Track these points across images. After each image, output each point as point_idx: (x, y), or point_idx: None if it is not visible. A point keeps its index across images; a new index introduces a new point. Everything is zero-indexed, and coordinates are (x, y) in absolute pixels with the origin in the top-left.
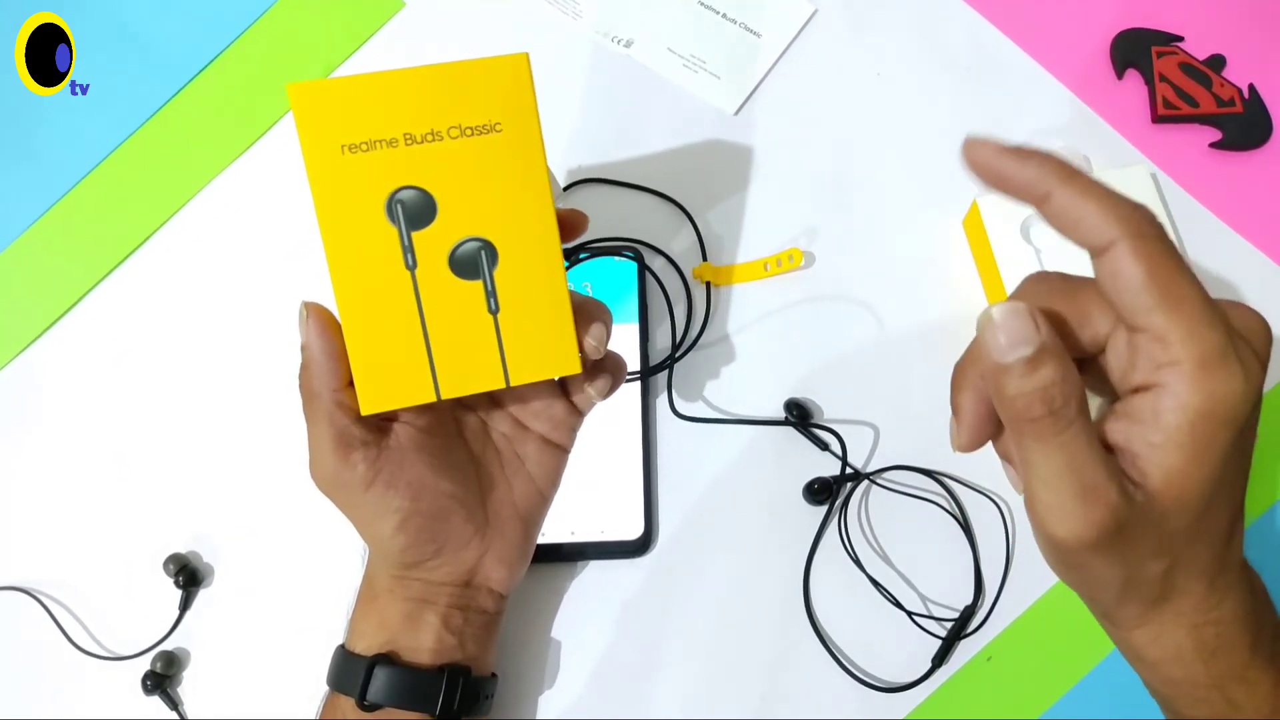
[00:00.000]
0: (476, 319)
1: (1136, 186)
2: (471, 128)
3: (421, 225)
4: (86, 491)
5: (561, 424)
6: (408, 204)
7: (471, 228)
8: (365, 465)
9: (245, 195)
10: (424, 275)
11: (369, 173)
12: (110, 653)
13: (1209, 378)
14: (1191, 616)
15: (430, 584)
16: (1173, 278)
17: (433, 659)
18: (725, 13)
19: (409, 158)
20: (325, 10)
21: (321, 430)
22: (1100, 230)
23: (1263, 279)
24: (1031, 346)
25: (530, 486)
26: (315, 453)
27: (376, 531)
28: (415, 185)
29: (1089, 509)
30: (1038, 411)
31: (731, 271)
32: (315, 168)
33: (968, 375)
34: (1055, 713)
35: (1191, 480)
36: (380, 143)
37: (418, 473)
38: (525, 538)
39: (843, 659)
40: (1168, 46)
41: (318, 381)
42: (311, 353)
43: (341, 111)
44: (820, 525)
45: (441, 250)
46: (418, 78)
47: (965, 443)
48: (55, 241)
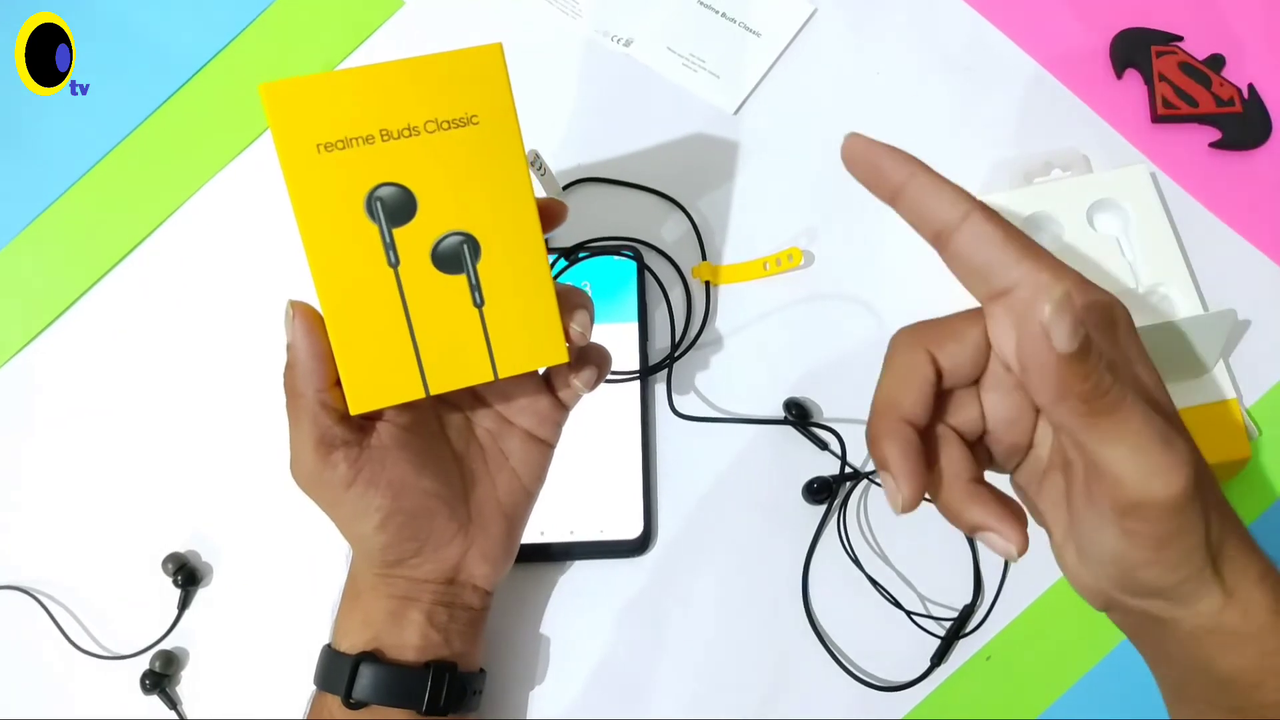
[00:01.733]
0: (462, 313)
1: (1136, 186)
2: (448, 121)
3: (402, 222)
4: (85, 491)
5: (546, 419)
6: (387, 201)
7: (453, 222)
8: (346, 465)
9: (244, 194)
10: (407, 272)
11: (346, 171)
12: (109, 652)
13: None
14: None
15: (413, 581)
16: (1022, 237)
17: (418, 656)
18: (725, 12)
19: (386, 154)
20: (324, 9)
21: (304, 430)
22: (955, 205)
23: (1263, 279)
24: (1083, 327)
25: (515, 483)
26: (296, 452)
27: (358, 530)
28: (394, 182)
29: (1178, 451)
30: (1108, 382)
31: (731, 271)
32: (291, 168)
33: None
34: (1055, 712)
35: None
36: (356, 140)
37: (400, 471)
38: (509, 534)
39: (841, 658)
40: (1167, 46)
41: (302, 381)
42: (296, 353)
43: (315, 110)
44: (819, 524)
45: (424, 246)
46: (391, 73)
47: (910, 495)
48: (54, 240)
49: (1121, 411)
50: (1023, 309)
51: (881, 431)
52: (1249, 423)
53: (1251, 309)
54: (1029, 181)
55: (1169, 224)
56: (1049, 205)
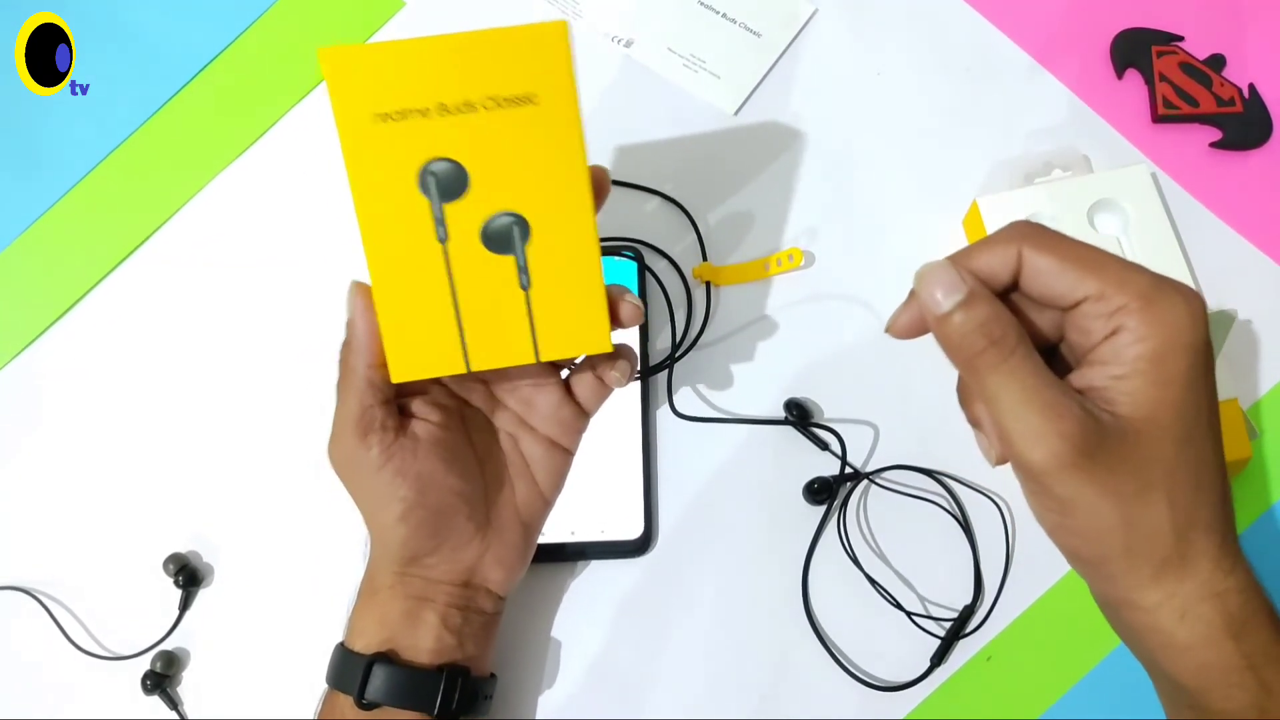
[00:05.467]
0: (508, 293)
1: (1136, 186)
2: (506, 98)
3: (453, 197)
4: (86, 491)
5: (568, 427)
6: (440, 176)
7: (504, 202)
8: (380, 449)
9: (244, 195)
10: (455, 248)
11: (402, 143)
12: (110, 652)
13: (1154, 308)
14: (1211, 584)
15: (429, 582)
16: (1080, 251)
17: (432, 658)
18: (725, 12)
19: (442, 128)
20: (325, 9)
21: (349, 406)
22: (1002, 253)
23: (1263, 279)
24: (961, 292)
25: (534, 490)
26: (338, 428)
27: (380, 519)
28: (448, 157)
29: (1056, 422)
30: (980, 344)
31: (732, 271)
32: (348, 136)
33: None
34: (1055, 712)
35: (1160, 404)
36: (413, 112)
37: (429, 466)
38: (525, 541)
39: (842, 659)
40: (1168, 46)
41: (355, 357)
42: (354, 328)
43: (374, 79)
44: (819, 524)
45: (474, 224)
46: (452, 45)
47: (1002, 451)
48: (55, 241)
49: (999, 374)
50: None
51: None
52: (1249, 423)
53: (1251, 309)
54: (1029, 181)
55: (1169, 224)
56: (1049, 205)
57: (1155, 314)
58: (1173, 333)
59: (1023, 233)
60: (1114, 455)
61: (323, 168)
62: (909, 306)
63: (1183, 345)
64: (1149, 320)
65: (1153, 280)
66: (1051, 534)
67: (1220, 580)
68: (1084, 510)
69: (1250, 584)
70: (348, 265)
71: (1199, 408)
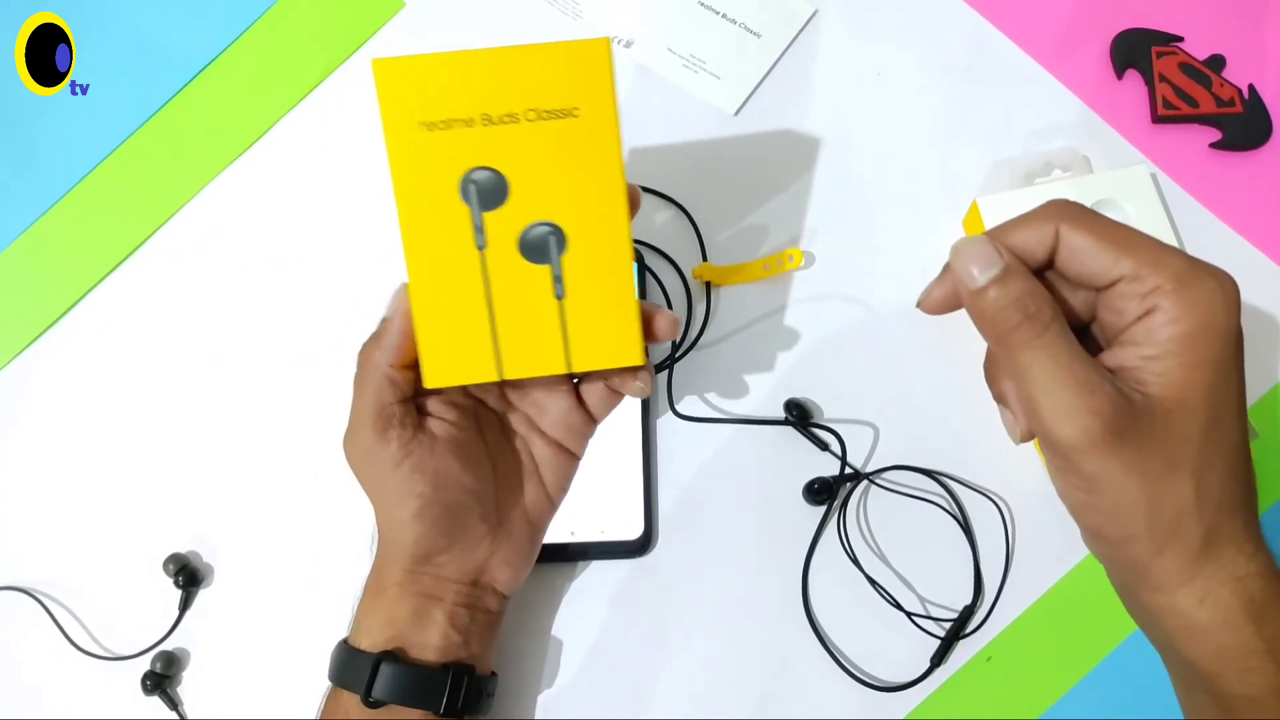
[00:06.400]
0: (542, 303)
1: (1136, 186)
2: (548, 111)
3: (493, 206)
4: (86, 491)
5: (577, 432)
6: (481, 184)
7: (542, 212)
8: (398, 445)
9: (245, 196)
10: (493, 256)
11: (446, 151)
12: (110, 653)
13: (1188, 289)
14: (1233, 568)
15: (439, 580)
16: (1117, 231)
17: (438, 657)
18: (725, 13)
19: (485, 138)
20: (325, 10)
21: (366, 401)
22: (1040, 230)
23: (1263, 279)
24: (997, 267)
25: (541, 492)
26: (354, 423)
27: (395, 515)
28: (489, 166)
29: (1087, 399)
30: (1015, 319)
31: (731, 271)
32: (395, 142)
33: (999, 365)
34: (1055, 713)
35: (1191, 386)
36: (458, 121)
37: (445, 464)
38: (532, 542)
39: (842, 659)
40: (1168, 46)
41: (380, 353)
42: (388, 325)
43: (422, 88)
44: (819, 525)
45: (511, 233)
46: (497, 59)
47: (1026, 428)
48: (55, 242)
49: (1032, 349)
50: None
51: (996, 374)
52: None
53: (1250, 309)
54: (1029, 182)
55: (1169, 224)
56: None
57: (1189, 296)
58: (1206, 315)
59: (1060, 211)
60: (1143, 435)
61: (323, 168)
62: (942, 281)
63: (1215, 328)
64: (1183, 302)
65: (1188, 263)
66: (1075, 512)
67: (1242, 564)
68: (1111, 488)
69: (1271, 569)
70: (348, 265)
71: (1228, 392)
